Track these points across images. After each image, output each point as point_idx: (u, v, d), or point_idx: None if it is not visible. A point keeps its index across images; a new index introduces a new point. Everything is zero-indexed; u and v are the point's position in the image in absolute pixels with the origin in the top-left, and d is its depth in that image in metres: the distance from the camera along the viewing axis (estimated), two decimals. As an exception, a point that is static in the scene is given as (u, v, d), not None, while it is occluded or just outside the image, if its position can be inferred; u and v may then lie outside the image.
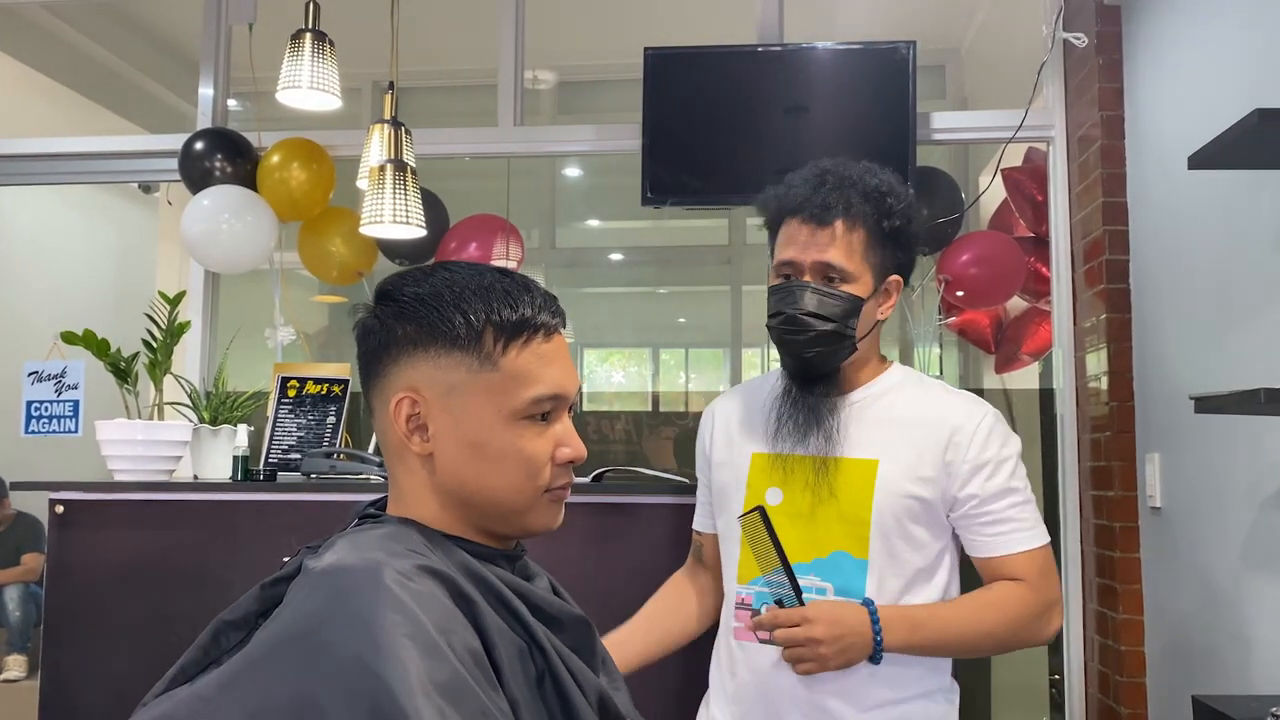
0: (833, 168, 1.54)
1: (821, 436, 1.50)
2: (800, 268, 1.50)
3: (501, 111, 3.30)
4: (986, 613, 1.47)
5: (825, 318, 1.47)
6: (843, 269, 1.48)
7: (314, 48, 2.56)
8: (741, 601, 1.54)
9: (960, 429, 1.51)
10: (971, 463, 1.50)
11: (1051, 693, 3.34)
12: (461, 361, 0.95)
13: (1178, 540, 2.35)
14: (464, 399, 0.95)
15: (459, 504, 0.97)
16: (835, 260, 1.48)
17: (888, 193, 1.52)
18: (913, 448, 1.50)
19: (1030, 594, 1.47)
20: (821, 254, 1.48)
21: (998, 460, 1.51)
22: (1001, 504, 1.50)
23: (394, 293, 0.98)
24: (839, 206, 1.49)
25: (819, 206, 1.49)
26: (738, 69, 2.97)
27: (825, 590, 1.47)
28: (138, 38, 4.55)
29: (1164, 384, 2.43)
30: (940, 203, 2.99)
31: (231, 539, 2.21)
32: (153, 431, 2.39)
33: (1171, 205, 2.40)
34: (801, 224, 1.51)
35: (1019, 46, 3.32)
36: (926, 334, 3.31)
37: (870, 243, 1.50)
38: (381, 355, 0.97)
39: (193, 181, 3.12)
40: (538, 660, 0.89)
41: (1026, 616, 1.47)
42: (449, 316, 0.95)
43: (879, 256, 1.51)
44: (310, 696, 0.74)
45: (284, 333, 3.22)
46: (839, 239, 1.48)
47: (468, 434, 0.95)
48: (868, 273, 1.50)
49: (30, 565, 5.03)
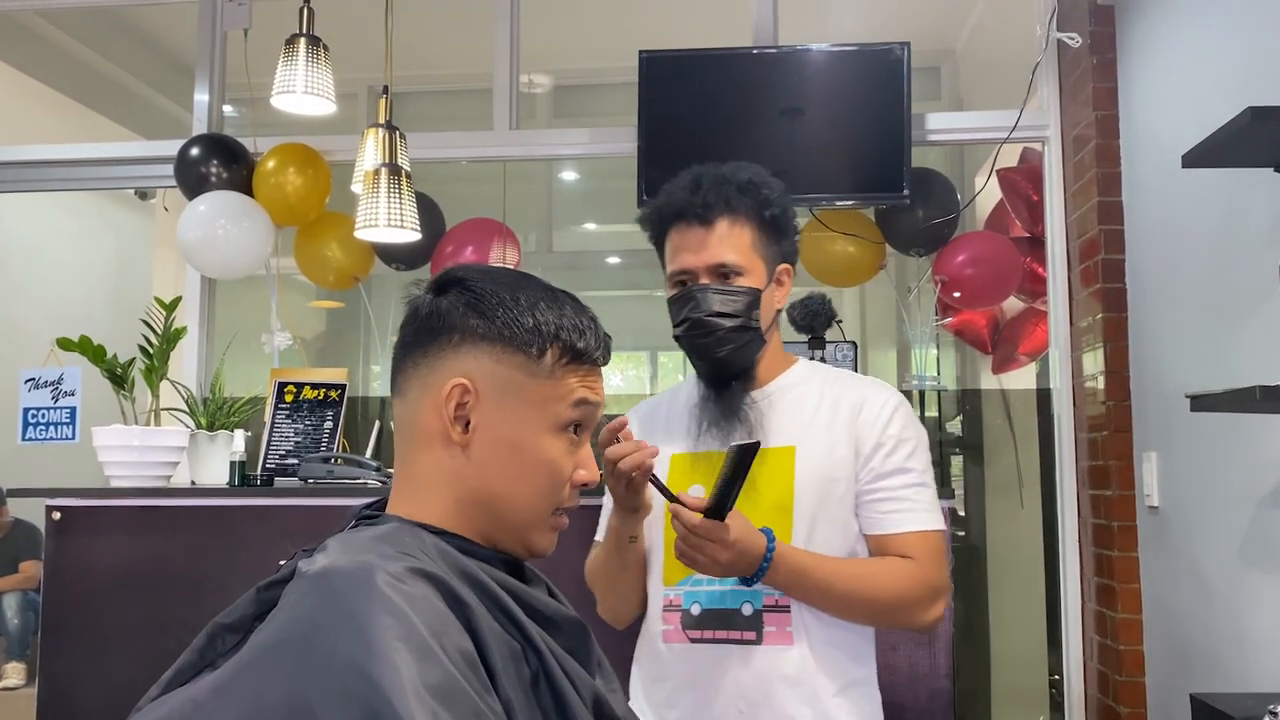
0: (704, 170, 1.57)
1: (744, 431, 1.52)
2: (695, 272, 1.52)
3: (497, 115, 3.30)
4: (875, 579, 1.47)
5: (730, 314, 1.49)
6: (736, 264, 1.50)
7: (308, 53, 2.56)
8: (670, 604, 1.54)
9: (865, 409, 1.53)
10: (873, 441, 1.51)
11: (1051, 692, 3.34)
12: (523, 366, 0.96)
13: (1176, 539, 2.36)
14: (516, 401, 0.96)
15: (475, 504, 0.97)
16: (727, 258, 1.50)
17: (761, 184, 1.54)
18: (826, 431, 1.52)
19: (919, 572, 1.47)
20: (713, 254, 1.50)
21: (897, 439, 1.52)
22: (895, 481, 1.51)
23: (468, 282, 0.98)
24: (720, 204, 1.51)
25: (701, 207, 1.51)
26: (733, 71, 2.97)
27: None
28: (134, 44, 4.55)
29: (1160, 383, 2.44)
30: (936, 203, 2.99)
31: (229, 544, 2.21)
32: (150, 437, 2.39)
33: (1166, 204, 2.40)
34: (687, 228, 1.53)
35: (1013, 47, 3.32)
36: (923, 335, 3.32)
37: (756, 235, 1.52)
38: (440, 338, 0.97)
39: (189, 187, 3.12)
40: (532, 662, 0.89)
41: (912, 593, 1.46)
42: (523, 320, 0.96)
43: (766, 247, 1.53)
44: (303, 700, 0.74)
45: (281, 338, 3.22)
46: (726, 236, 1.51)
47: (510, 434, 0.96)
48: (759, 264, 1.52)
49: (28, 573, 5.03)
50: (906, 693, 2.08)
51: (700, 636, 1.50)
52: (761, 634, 1.48)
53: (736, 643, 1.48)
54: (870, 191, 2.93)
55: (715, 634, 1.50)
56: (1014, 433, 3.61)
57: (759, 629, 1.48)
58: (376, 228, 2.64)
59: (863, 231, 3.02)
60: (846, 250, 3.04)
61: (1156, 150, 2.46)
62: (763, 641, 1.48)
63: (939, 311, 3.20)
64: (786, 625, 1.48)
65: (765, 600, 1.48)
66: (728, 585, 1.50)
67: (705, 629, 1.50)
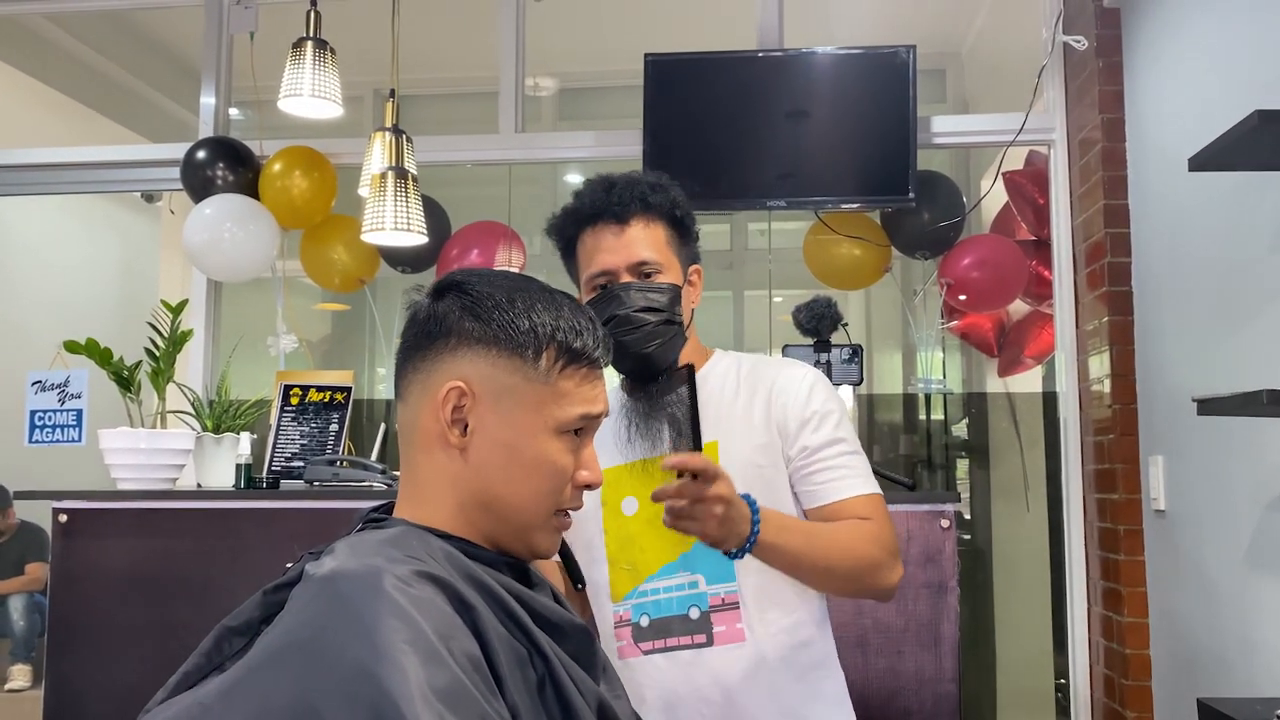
0: (611, 175, 1.57)
1: (669, 431, 1.49)
2: (615, 272, 1.49)
3: (503, 118, 3.30)
4: (848, 535, 1.43)
5: (656, 309, 1.47)
6: (655, 262, 1.49)
7: (315, 56, 2.56)
8: (620, 619, 1.51)
9: (782, 389, 1.51)
10: (797, 419, 1.49)
11: (1057, 696, 3.33)
12: (519, 369, 0.97)
13: (1182, 543, 2.35)
14: (513, 404, 0.96)
15: (477, 506, 0.97)
16: (646, 255, 1.49)
17: (668, 186, 1.54)
18: (745, 419, 1.51)
19: (879, 532, 1.44)
20: (633, 252, 1.49)
21: (822, 413, 1.50)
22: (831, 451, 1.49)
23: (465, 286, 0.99)
24: (634, 203, 1.50)
25: (617, 206, 1.50)
26: (738, 74, 2.97)
27: (697, 582, 1.47)
28: (140, 47, 4.57)
29: (1167, 386, 2.43)
30: (941, 206, 2.99)
31: (235, 547, 2.22)
32: (156, 440, 2.39)
33: (1173, 207, 2.40)
34: (603, 229, 1.51)
35: (1019, 50, 3.32)
36: (929, 338, 3.31)
37: (669, 233, 1.52)
38: (437, 342, 0.98)
39: (195, 190, 3.12)
40: (538, 666, 0.89)
41: (881, 551, 1.43)
42: (518, 323, 0.97)
43: (679, 247, 1.53)
44: (310, 703, 0.74)
45: (286, 341, 3.23)
46: (642, 234, 1.50)
47: (508, 437, 0.96)
48: (675, 262, 1.52)
49: (35, 575, 5.03)
50: (912, 697, 2.08)
51: (652, 647, 1.48)
52: (711, 635, 1.46)
53: (688, 647, 1.47)
54: (875, 194, 2.93)
55: (666, 642, 1.48)
56: (1020, 436, 3.60)
57: (709, 630, 1.47)
58: (382, 231, 2.64)
59: (868, 234, 3.02)
60: (852, 253, 3.03)
61: (1163, 153, 2.46)
62: (714, 643, 1.46)
63: (945, 314, 3.20)
64: (736, 622, 1.46)
65: (711, 600, 1.47)
66: (673, 592, 1.48)
67: (657, 639, 1.48)
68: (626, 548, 1.51)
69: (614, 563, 1.52)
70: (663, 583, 1.49)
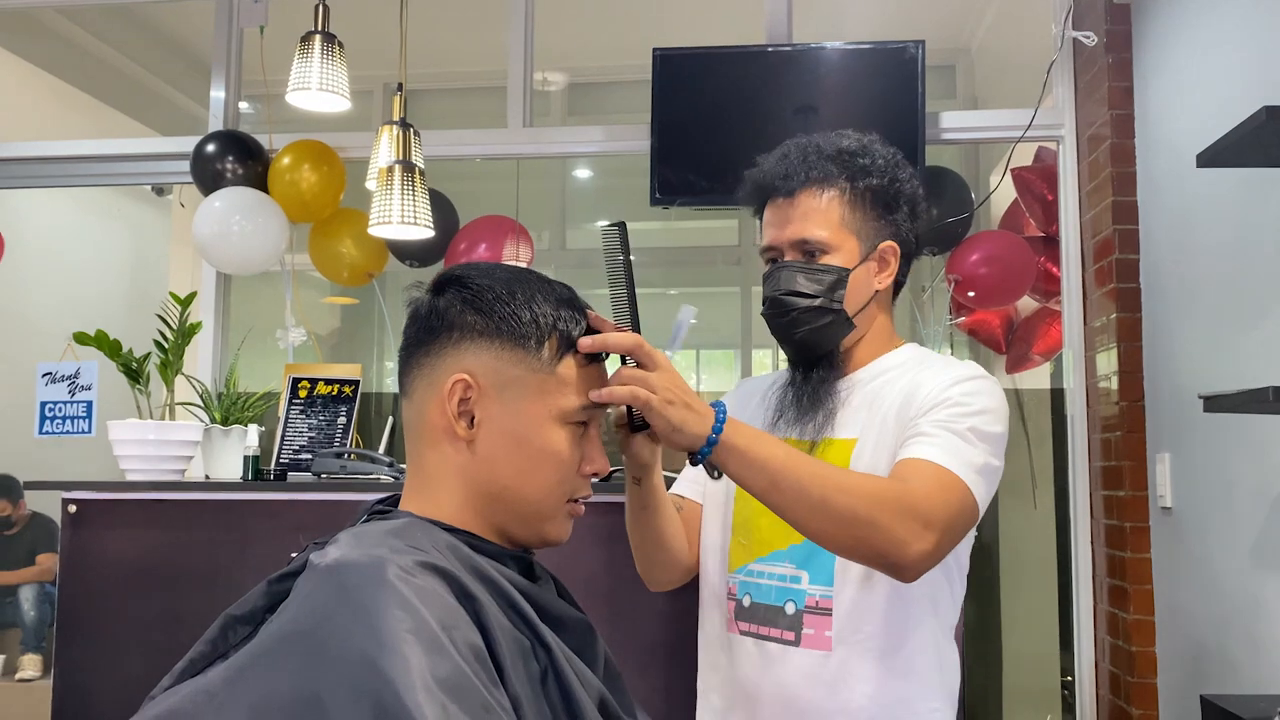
0: (799, 139, 1.46)
1: (821, 417, 1.41)
2: (779, 249, 1.42)
3: (511, 113, 3.31)
4: (854, 479, 1.22)
5: (806, 294, 1.37)
6: (819, 241, 1.39)
7: (323, 49, 2.57)
8: (730, 592, 1.47)
9: (922, 385, 1.36)
10: (920, 408, 1.33)
11: (1063, 694, 3.33)
12: (522, 360, 0.98)
13: (1188, 540, 2.35)
14: (517, 394, 0.97)
15: (485, 498, 0.98)
16: (809, 234, 1.39)
17: (858, 152, 1.42)
18: (883, 422, 1.38)
19: (901, 490, 1.22)
20: (794, 230, 1.39)
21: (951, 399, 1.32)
22: (926, 419, 1.31)
23: (465, 280, 1.00)
24: (801, 175, 1.41)
25: (782, 178, 1.42)
26: (746, 69, 2.97)
27: (800, 578, 1.39)
28: (150, 41, 4.58)
29: (1174, 383, 2.42)
30: (950, 202, 2.98)
31: (242, 538, 2.23)
32: (164, 431, 2.40)
33: (1181, 204, 2.39)
34: (775, 201, 1.43)
35: (1028, 45, 3.31)
36: (937, 334, 3.31)
37: (847, 208, 1.40)
38: (440, 337, 0.98)
39: (204, 183, 3.13)
40: (541, 658, 0.90)
41: (890, 512, 1.18)
42: (519, 315, 0.98)
43: (861, 221, 1.41)
44: (313, 691, 0.74)
45: (295, 334, 3.24)
46: (809, 210, 1.40)
47: (514, 428, 0.97)
48: (850, 239, 1.40)
49: (45, 565, 5.06)
50: (916, 692, 2.07)
51: (747, 629, 1.42)
52: (800, 635, 1.38)
53: (776, 641, 1.40)
54: (884, 190, 2.92)
55: (758, 629, 1.42)
56: (1027, 433, 3.59)
57: (798, 629, 1.39)
58: (390, 224, 2.65)
59: (876, 230, 3.01)
60: (859, 249, 3.03)
61: (1172, 150, 2.45)
62: (800, 644, 1.38)
63: (953, 311, 3.19)
64: (826, 630, 1.37)
65: (808, 600, 1.39)
66: (774, 580, 1.41)
67: (751, 623, 1.42)
68: (747, 523, 1.45)
69: (736, 532, 1.46)
70: (768, 568, 1.42)
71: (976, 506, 1.28)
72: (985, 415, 1.32)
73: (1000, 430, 1.34)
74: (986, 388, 1.36)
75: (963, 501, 1.26)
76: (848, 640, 1.36)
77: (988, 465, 1.30)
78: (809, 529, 1.21)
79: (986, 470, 1.29)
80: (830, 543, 1.22)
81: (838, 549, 1.24)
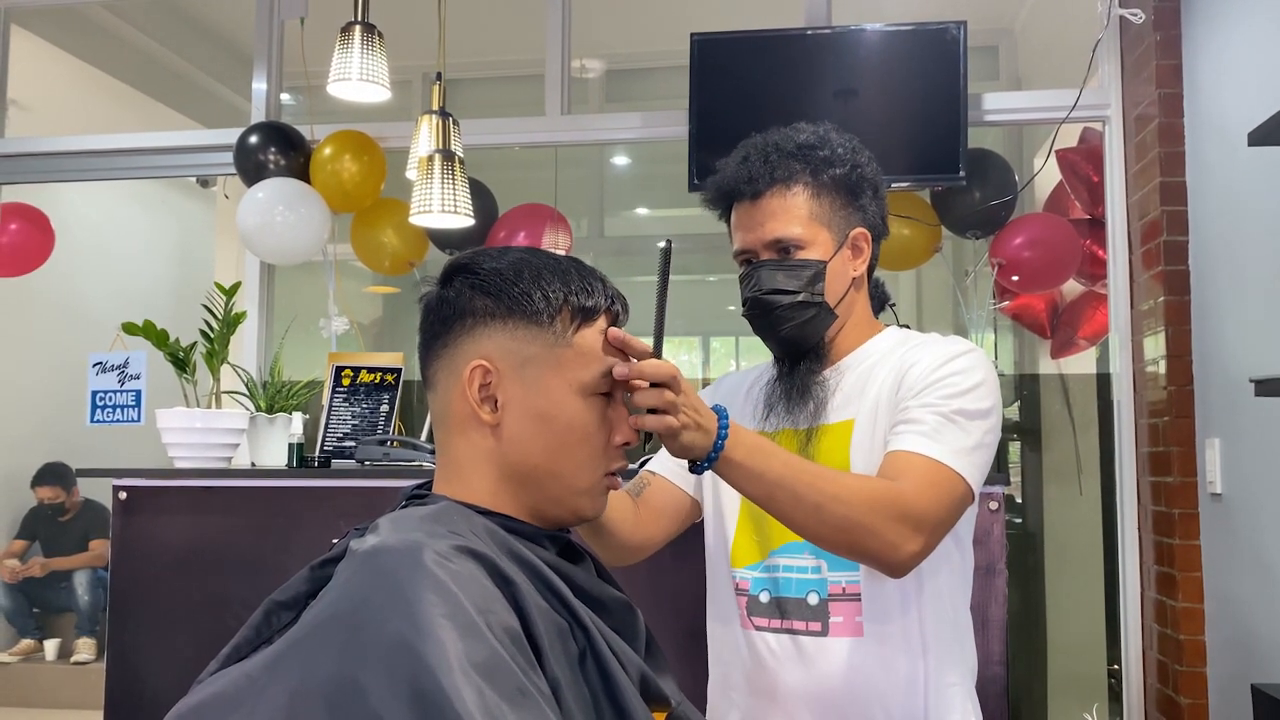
0: (756, 140, 1.47)
1: (813, 407, 1.42)
2: (753, 251, 1.43)
3: (549, 101, 3.31)
4: (849, 484, 1.25)
5: (788, 291, 1.39)
6: (793, 238, 1.40)
7: (363, 40, 2.58)
8: (739, 588, 1.45)
9: (914, 365, 1.37)
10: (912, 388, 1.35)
11: (1110, 682, 3.29)
12: (538, 337, 0.97)
13: (1238, 527, 2.30)
14: (537, 372, 0.97)
15: (517, 479, 0.98)
16: (781, 232, 1.40)
17: (817, 145, 1.44)
18: (876, 400, 1.39)
19: (891, 490, 1.24)
20: (767, 230, 1.41)
21: (941, 378, 1.34)
22: (915, 402, 1.33)
23: (471, 266, 1.00)
24: (765, 176, 1.41)
25: (747, 181, 1.43)
26: (785, 53, 2.94)
27: (820, 567, 1.38)
28: (194, 34, 4.64)
29: (1224, 367, 2.38)
30: (993, 185, 2.94)
31: (287, 524, 2.26)
32: (211, 420, 2.44)
33: (1232, 184, 2.34)
34: (740, 205, 1.45)
35: (1074, 24, 3.25)
36: (980, 319, 3.27)
37: (815, 201, 1.41)
38: (454, 325, 0.99)
39: (247, 175, 3.17)
40: (579, 639, 0.90)
41: (878, 515, 1.22)
42: (529, 292, 0.98)
43: (830, 212, 1.42)
44: (351, 675, 0.75)
45: (338, 323, 3.27)
46: (778, 209, 1.41)
47: (538, 406, 0.97)
48: (822, 232, 1.41)
49: (98, 551, 5.17)
50: (959, 679, 2.06)
51: (766, 625, 1.41)
52: (828, 625, 1.37)
53: (802, 634, 1.38)
54: (926, 173, 2.89)
55: (781, 624, 1.40)
56: (1073, 418, 3.55)
57: (825, 619, 1.37)
58: (430, 213, 2.66)
59: (918, 214, 2.98)
60: (901, 233, 3.00)
61: (1222, 129, 2.40)
62: (829, 633, 1.36)
63: (996, 295, 3.15)
64: (856, 615, 1.36)
65: (831, 588, 1.37)
66: (794, 573, 1.40)
67: (772, 618, 1.41)
68: (756, 518, 1.44)
69: (742, 528, 1.46)
70: (786, 560, 1.41)
71: (970, 492, 1.32)
72: (974, 392, 1.35)
73: (990, 404, 1.37)
74: (974, 361, 1.38)
75: (953, 493, 1.30)
76: (879, 623, 1.36)
77: (980, 444, 1.34)
78: (805, 533, 1.26)
79: (979, 449, 1.34)
80: (825, 545, 1.27)
81: (832, 550, 1.28)
